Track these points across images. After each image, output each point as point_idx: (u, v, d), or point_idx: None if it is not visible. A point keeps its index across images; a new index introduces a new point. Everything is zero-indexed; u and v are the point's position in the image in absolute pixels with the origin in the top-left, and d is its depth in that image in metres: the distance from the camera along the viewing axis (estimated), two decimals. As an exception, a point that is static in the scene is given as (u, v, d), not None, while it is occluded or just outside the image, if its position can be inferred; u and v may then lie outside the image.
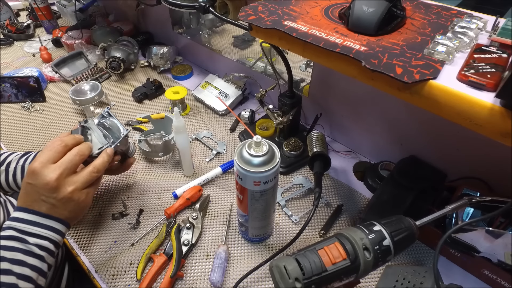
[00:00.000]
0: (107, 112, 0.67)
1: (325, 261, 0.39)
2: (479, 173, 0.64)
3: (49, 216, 0.52)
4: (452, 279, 0.61)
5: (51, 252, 0.52)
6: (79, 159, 0.55)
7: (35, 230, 0.50)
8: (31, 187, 0.51)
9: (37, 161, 0.52)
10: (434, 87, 0.40)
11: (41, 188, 0.50)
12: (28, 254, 0.49)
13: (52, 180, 0.50)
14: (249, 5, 0.57)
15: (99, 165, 0.57)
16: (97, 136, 0.62)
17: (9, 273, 0.46)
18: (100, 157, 0.58)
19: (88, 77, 1.13)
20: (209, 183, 0.79)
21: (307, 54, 0.51)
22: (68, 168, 0.53)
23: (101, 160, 0.58)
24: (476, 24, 0.47)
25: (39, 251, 0.50)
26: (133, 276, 0.62)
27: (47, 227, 0.51)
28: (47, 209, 0.51)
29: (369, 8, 0.48)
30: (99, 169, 0.57)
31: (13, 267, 0.46)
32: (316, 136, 0.75)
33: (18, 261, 0.47)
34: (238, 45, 1.09)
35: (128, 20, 1.40)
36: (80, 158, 0.55)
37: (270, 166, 0.51)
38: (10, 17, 1.49)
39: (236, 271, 0.63)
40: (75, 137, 0.57)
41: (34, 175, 0.51)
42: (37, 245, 0.50)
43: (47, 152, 0.53)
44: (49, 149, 0.53)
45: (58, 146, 0.54)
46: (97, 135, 0.62)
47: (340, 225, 0.71)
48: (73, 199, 0.53)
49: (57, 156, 0.53)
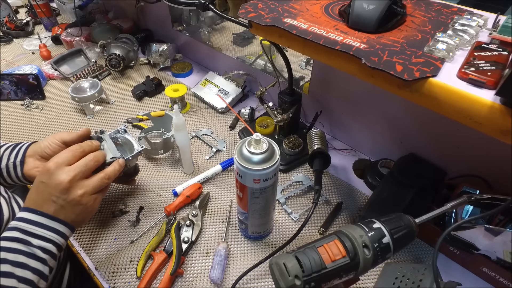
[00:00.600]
0: (123, 129, 0.69)
1: (325, 259, 0.39)
2: (479, 171, 0.64)
3: (56, 218, 0.52)
4: (451, 277, 0.61)
5: (54, 255, 0.51)
6: (93, 165, 0.56)
7: (40, 231, 0.50)
8: (44, 186, 0.52)
9: (53, 161, 0.53)
10: (434, 85, 0.40)
11: (53, 188, 0.51)
12: (30, 257, 0.48)
13: (66, 181, 0.51)
14: (249, 3, 0.57)
15: (110, 173, 0.58)
16: (110, 147, 0.64)
17: (10, 276, 0.45)
18: (112, 166, 0.59)
19: (88, 74, 1.13)
20: (209, 181, 0.80)
21: (307, 52, 0.51)
22: (82, 171, 0.54)
23: (113, 168, 0.59)
24: (476, 22, 0.47)
25: (42, 254, 0.49)
26: (133, 274, 0.62)
27: (52, 230, 0.51)
28: (55, 210, 0.51)
29: (369, 5, 0.48)
30: (110, 176, 0.58)
31: (15, 270, 0.46)
32: (316, 134, 0.75)
33: (20, 263, 0.47)
34: (238, 42, 1.09)
35: (127, 18, 1.39)
36: (94, 164, 0.56)
37: (270, 164, 0.51)
38: (9, 14, 1.48)
39: (236, 268, 0.63)
40: (93, 144, 0.59)
41: (48, 174, 0.52)
42: (41, 248, 0.49)
43: (64, 154, 0.54)
44: (67, 151, 0.55)
45: (76, 150, 0.56)
46: (110, 146, 0.64)
47: (339, 223, 0.71)
48: (82, 203, 0.53)
49: (73, 159, 0.54)
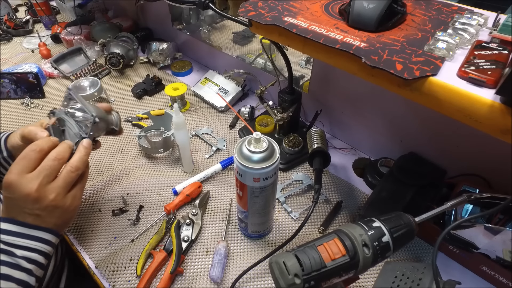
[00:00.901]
0: (69, 94, 0.56)
1: (325, 257, 0.39)
2: (479, 170, 0.65)
3: (37, 227, 0.48)
4: (450, 275, 0.62)
5: (40, 264, 0.49)
6: (58, 164, 0.49)
7: (23, 242, 0.47)
8: (11, 201, 0.48)
9: (12, 173, 0.47)
10: (434, 84, 0.40)
11: (22, 201, 0.47)
12: (14, 268, 0.46)
13: (33, 191, 0.46)
14: (249, 1, 0.57)
15: (76, 162, 0.51)
16: (71, 126, 0.54)
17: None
18: (76, 153, 0.52)
19: (88, 73, 1.13)
20: (209, 180, 0.80)
21: (307, 51, 0.51)
22: (47, 175, 0.48)
23: (78, 156, 0.52)
24: (476, 21, 0.47)
25: (27, 265, 0.47)
26: (133, 272, 0.62)
27: (36, 238, 0.48)
28: (33, 220, 0.48)
29: (369, 4, 0.48)
30: (77, 166, 0.51)
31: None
32: (315, 133, 0.75)
33: (3, 275, 0.45)
34: (238, 41, 1.09)
35: (127, 16, 1.39)
36: (59, 163, 0.49)
37: (270, 163, 0.51)
38: (8, 12, 1.48)
39: (235, 267, 0.63)
40: (51, 140, 0.51)
41: (12, 188, 0.47)
42: (25, 258, 0.47)
43: (21, 162, 0.48)
44: (23, 158, 0.48)
45: (33, 152, 0.48)
46: (71, 125, 0.54)
47: (339, 222, 0.71)
48: (58, 206, 0.49)
49: (33, 164, 0.48)
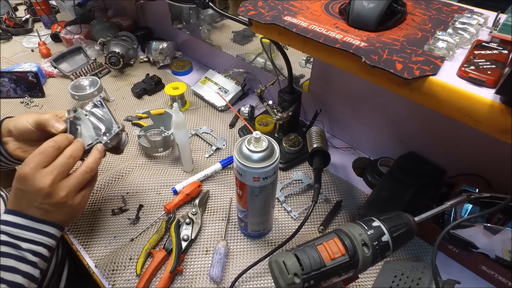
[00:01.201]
0: (99, 101, 0.59)
1: (324, 257, 0.39)
2: (478, 170, 0.65)
3: (43, 221, 0.50)
4: (450, 275, 0.62)
5: (44, 257, 0.50)
6: (72, 162, 0.52)
7: (29, 235, 0.48)
8: (22, 193, 0.49)
9: (28, 166, 0.48)
10: (434, 83, 0.40)
11: (34, 195, 0.48)
12: (20, 261, 0.47)
13: (46, 186, 0.48)
14: (248, 0, 0.57)
15: (91, 164, 0.53)
16: (87, 128, 0.57)
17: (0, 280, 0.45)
18: (91, 155, 0.55)
19: (87, 72, 1.13)
20: (209, 179, 0.80)
21: (307, 50, 0.51)
22: (61, 172, 0.50)
23: (93, 158, 0.54)
24: (477, 20, 0.46)
25: (32, 257, 0.48)
26: (133, 271, 0.62)
27: (41, 232, 0.50)
28: (40, 214, 0.49)
29: (369, 3, 0.48)
30: (92, 168, 0.53)
31: (5, 275, 0.45)
32: (315, 132, 0.75)
33: (9, 267, 0.46)
34: (238, 40, 1.09)
35: (127, 15, 1.39)
36: (73, 161, 0.52)
37: (270, 162, 0.51)
38: (8, 11, 1.48)
39: (235, 266, 0.63)
40: (67, 138, 0.53)
41: (25, 180, 0.48)
42: (31, 251, 0.48)
43: (39, 156, 0.49)
44: (40, 152, 0.49)
45: (51, 149, 0.50)
46: (87, 127, 0.57)
47: (339, 221, 0.71)
48: (67, 203, 0.51)
49: (49, 160, 0.50)
